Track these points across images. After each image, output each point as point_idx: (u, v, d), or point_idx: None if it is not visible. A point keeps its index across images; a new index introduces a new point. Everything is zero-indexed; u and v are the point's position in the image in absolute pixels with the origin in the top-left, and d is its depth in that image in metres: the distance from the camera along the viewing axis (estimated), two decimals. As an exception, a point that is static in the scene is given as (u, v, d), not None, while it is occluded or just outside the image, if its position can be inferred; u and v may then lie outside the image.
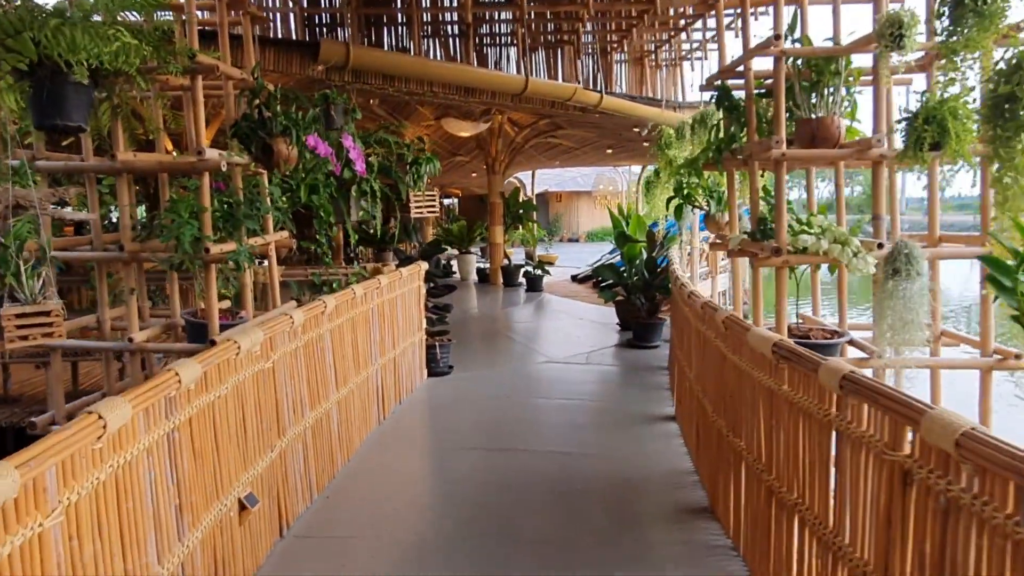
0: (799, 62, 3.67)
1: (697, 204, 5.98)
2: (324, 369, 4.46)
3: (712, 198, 5.79)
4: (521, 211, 16.33)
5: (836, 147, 3.55)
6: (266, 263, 4.84)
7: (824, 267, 4.09)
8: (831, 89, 3.59)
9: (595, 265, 16.66)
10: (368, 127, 6.65)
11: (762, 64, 4.06)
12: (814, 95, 3.67)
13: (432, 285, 6.98)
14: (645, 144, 16.37)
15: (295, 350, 4.01)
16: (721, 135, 4.30)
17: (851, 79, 3.66)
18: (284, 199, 5.05)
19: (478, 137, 15.41)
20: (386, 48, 7.02)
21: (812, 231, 3.48)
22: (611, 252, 17.99)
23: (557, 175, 34.63)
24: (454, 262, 17.78)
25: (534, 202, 19.72)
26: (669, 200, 6.09)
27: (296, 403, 3.99)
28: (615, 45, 8.96)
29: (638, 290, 8.94)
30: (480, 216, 18.58)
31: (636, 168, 28.87)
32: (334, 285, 5.39)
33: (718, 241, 4.70)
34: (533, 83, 6.75)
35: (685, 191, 5.91)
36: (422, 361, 6.88)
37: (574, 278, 16.67)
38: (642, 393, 6.65)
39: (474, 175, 22.42)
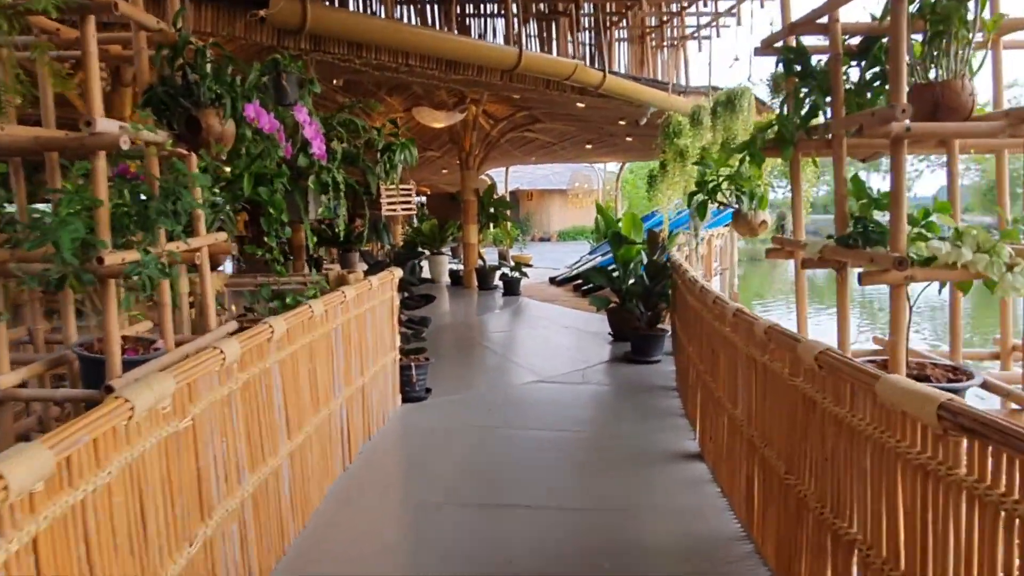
0: (911, 8, 2.72)
1: (723, 201, 5.04)
2: (271, 415, 3.40)
3: (743, 193, 4.84)
4: (495, 209, 15.32)
5: (968, 119, 2.61)
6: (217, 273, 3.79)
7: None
8: (957, 44, 2.64)
9: (578, 267, 15.76)
10: (331, 110, 5.58)
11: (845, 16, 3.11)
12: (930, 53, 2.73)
13: (406, 295, 5.94)
14: (629, 139, 15.49)
15: (228, 395, 2.95)
16: (793, 110, 3.33)
17: (982, 33, 2.72)
18: (220, 191, 3.98)
19: (451, 130, 14.37)
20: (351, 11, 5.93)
21: (940, 236, 2.54)
22: (591, 252, 17.09)
23: (528, 173, 33.65)
24: (425, 263, 16.69)
25: (507, 200, 18.72)
26: (691, 196, 5.14)
27: (230, 469, 2.94)
28: (615, 20, 8.00)
29: (636, 297, 7.99)
30: (450, 215, 17.51)
31: (612, 166, 28.07)
32: (287, 299, 4.33)
33: (776, 247, 3.74)
34: (528, 57, 5.73)
35: (711, 184, 4.95)
36: (395, 385, 5.83)
37: (552, 280, 15.70)
38: (653, 422, 5.69)
39: (445, 171, 21.36)
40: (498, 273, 14.16)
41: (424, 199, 30.39)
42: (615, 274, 9.16)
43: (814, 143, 3.22)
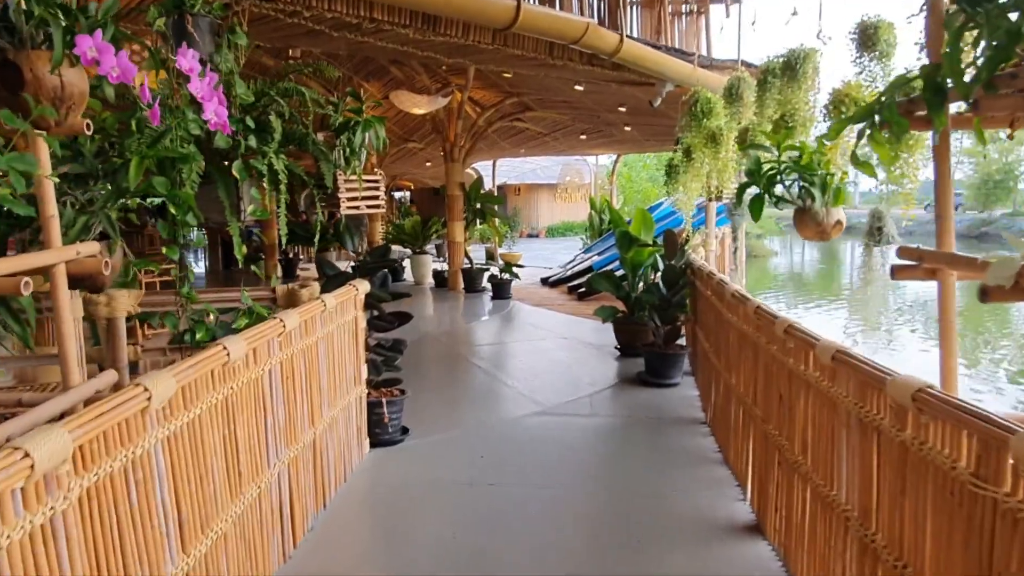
0: None
1: (783, 196, 3.88)
2: (147, 524, 2.21)
3: (812, 184, 3.69)
4: (482, 205, 14.14)
5: None
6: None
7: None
8: None
9: (572, 267, 14.62)
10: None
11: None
12: None
13: (375, 314, 4.75)
14: (627, 128, 14.33)
15: (50, 520, 1.76)
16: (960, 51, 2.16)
17: None
18: (96, 183, 2.80)
19: (435, 120, 13.19)
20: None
21: None
22: (586, 251, 15.96)
23: (516, 167, 32.47)
24: (407, 261, 15.50)
25: (495, 195, 17.54)
26: (741, 188, 3.97)
27: (48, 648, 1.74)
28: (628, -23, 6.84)
29: (650, 309, 6.84)
30: (435, 211, 16.37)
31: (603, 159, 26.99)
32: (197, 335, 3.13)
33: (909, 263, 2.59)
34: (528, 12, 4.53)
35: (768, 173, 3.80)
36: (362, 428, 4.64)
37: (545, 281, 14.54)
38: (686, 472, 4.54)
39: (428, 164, 20.19)
40: (486, 275, 12.98)
41: (408, 194, 29.19)
42: (621, 277, 8.03)
43: (1001, 100, 2.07)
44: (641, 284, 7.65)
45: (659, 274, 7.63)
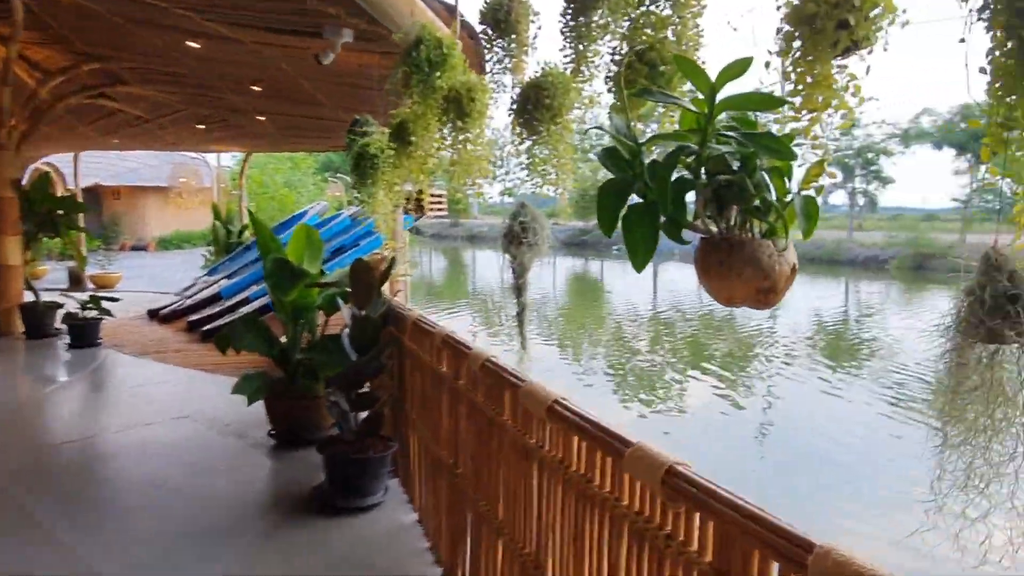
0: None
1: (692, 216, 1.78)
2: None
3: (760, 190, 1.65)
4: (56, 211, 10.06)
5: None
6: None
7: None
8: None
9: (193, 294, 11.21)
10: None
11: None
12: None
13: None
14: (261, 118, 11.36)
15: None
16: None
17: None
18: None
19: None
20: None
21: None
22: (209, 273, 12.58)
23: (112, 164, 26.34)
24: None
25: (80, 199, 13.12)
26: (607, 195, 1.70)
27: None
28: None
29: (332, 384, 4.34)
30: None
31: (228, 159, 23.18)
32: None
33: None
34: None
35: (679, 160, 1.67)
36: None
37: (154, 314, 10.91)
38: None
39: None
40: (61, 313, 9.04)
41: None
42: (262, 309, 5.36)
43: None
44: (322, 349, 5.09)
45: (325, 320, 5.19)
